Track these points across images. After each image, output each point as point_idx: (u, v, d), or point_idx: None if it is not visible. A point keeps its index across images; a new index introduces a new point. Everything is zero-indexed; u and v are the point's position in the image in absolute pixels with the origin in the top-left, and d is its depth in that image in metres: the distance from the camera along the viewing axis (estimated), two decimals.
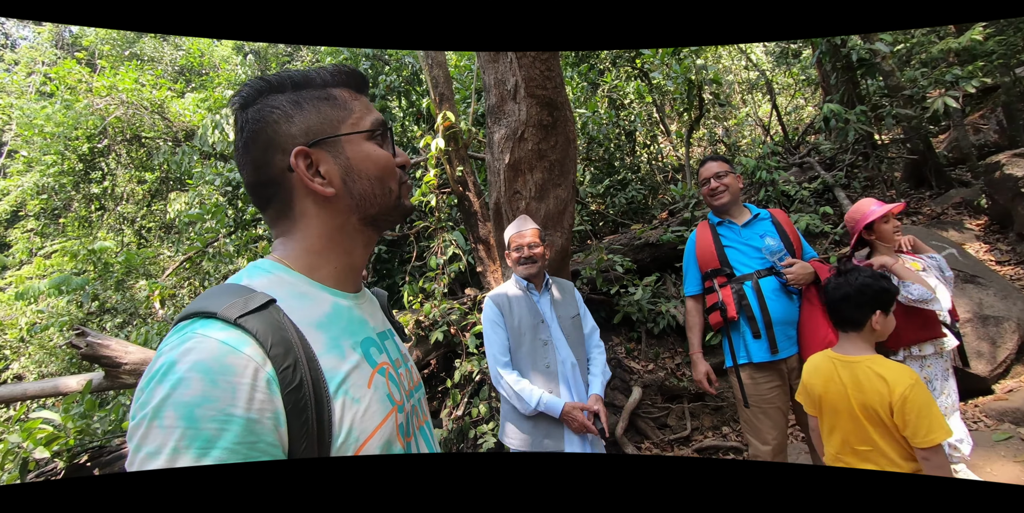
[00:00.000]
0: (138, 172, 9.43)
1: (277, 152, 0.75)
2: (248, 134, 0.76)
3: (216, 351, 0.59)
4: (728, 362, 2.54)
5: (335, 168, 0.77)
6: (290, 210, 0.77)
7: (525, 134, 3.28)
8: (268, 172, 0.76)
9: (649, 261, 5.25)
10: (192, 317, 0.65)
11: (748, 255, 2.52)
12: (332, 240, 0.79)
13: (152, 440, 0.56)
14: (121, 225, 8.64)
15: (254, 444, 0.58)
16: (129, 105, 9.25)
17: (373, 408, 0.72)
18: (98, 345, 3.75)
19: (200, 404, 0.56)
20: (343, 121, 0.78)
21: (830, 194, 5.65)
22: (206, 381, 0.57)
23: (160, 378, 0.58)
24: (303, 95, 0.77)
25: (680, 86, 6.38)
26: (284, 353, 0.63)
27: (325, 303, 0.76)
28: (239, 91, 0.78)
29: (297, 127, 0.75)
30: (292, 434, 0.62)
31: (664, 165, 8.46)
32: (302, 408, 0.63)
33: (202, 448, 0.56)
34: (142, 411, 0.57)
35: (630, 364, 4.35)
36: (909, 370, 1.63)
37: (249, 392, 0.59)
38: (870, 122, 5.50)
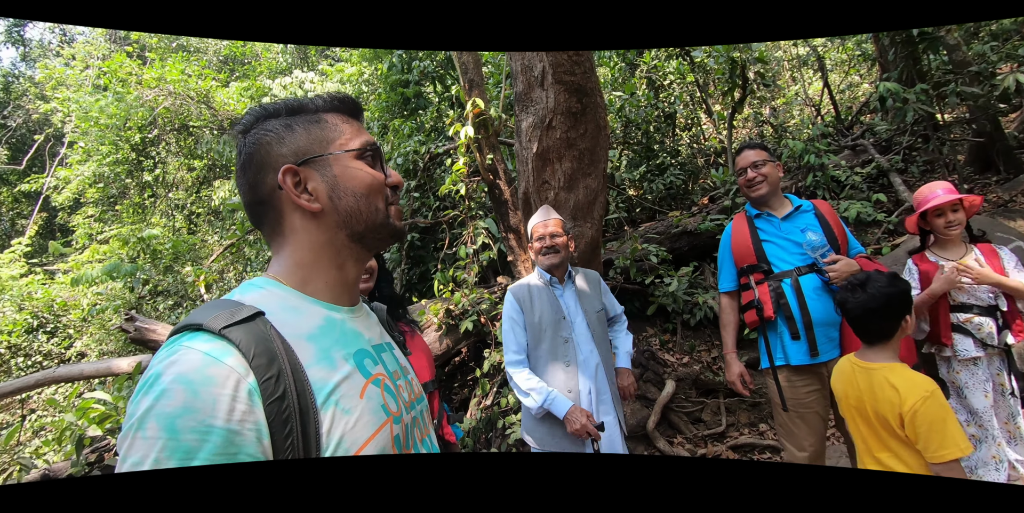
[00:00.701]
0: (187, 160, 9.79)
1: (269, 172, 0.78)
2: (245, 157, 0.80)
3: (199, 363, 0.60)
4: (764, 363, 2.41)
5: (322, 185, 0.79)
6: (280, 227, 0.80)
7: (553, 122, 3.18)
8: (261, 191, 0.79)
9: (687, 250, 5.09)
10: (182, 331, 0.66)
11: (788, 250, 2.36)
12: (321, 254, 0.80)
13: (136, 451, 0.57)
14: (172, 211, 9.04)
15: (234, 455, 0.59)
16: (176, 95, 9.58)
17: (365, 419, 0.72)
18: (145, 329, 3.94)
19: (181, 415, 0.57)
20: (332, 142, 0.81)
21: (885, 179, 5.30)
22: (188, 392, 0.58)
23: (147, 390, 0.59)
24: (296, 119, 0.81)
25: (723, 65, 6.08)
26: (267, 363, 0.64)
27: (317, 316, 0.77)
28: (241, 119, 0.83)
29: (288, 148, 0.79)
30: (276, 446, 0.63)
31: (706, 148, 8.14)
32: (286, 419, 0.63)
33: (182, 459, 0.56)
34: (128, 422, 0.59)
35: (664, 356, 4.25)
36: (925, 382, 1.55)
37: (230, 403, 0.59)
38: (931, 101, 5.10)
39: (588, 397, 2.27)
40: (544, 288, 2.40)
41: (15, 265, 7.84)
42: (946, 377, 2.30)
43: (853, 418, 1.74)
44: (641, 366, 4.07)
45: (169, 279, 6.65)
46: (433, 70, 8.03)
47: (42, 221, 12.89)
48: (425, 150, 5.95)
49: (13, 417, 5.78)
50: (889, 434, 1.60)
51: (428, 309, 4.10)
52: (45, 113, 12.41)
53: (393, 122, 6.82)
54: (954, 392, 2.25)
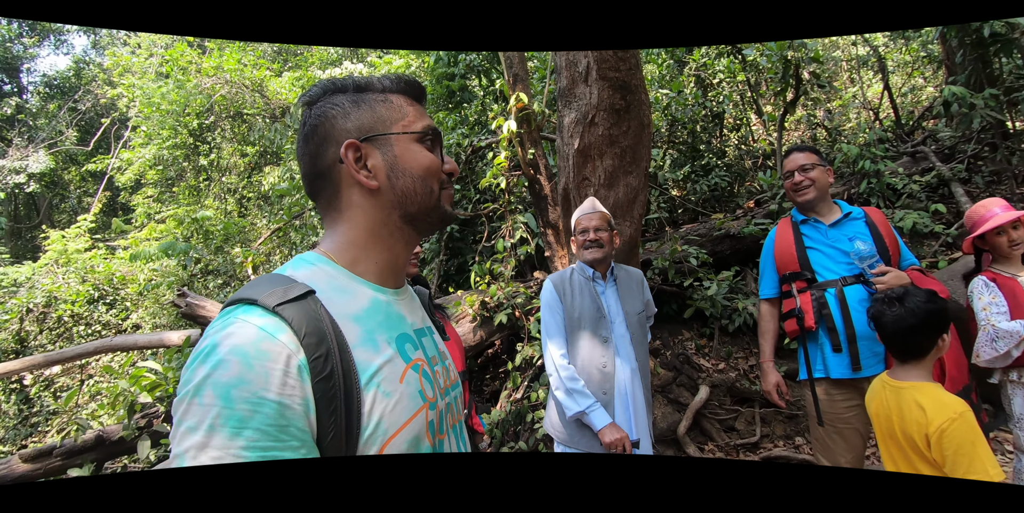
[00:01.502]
0: (240, 146, 10.17)
1: (331, 145, 0.80)
2: (309, 128, 0.81)
3: (253, 336, 0.62)
4: (803, 374, 2.33)
5: (381, 163, 0.80)
6: (337, 201, 0.81)
7: (596, 118, 3.16)
8: (321, 163, 0.80)
9: (729, 253, 4.97)
10: (236, 303, 0.68)
11: (834, 259, 2.27)
12: (375, 234, 0.82)
13: (192, 416, 0.60)
14: (225, 194, 9.41)
15: (284, 427, 0.61)
16: (232, 84, 9.95)
17: (403, 403, 0.73)
18: (196, 305, 4.14)
19: (236, 385, 0.59)
20: (395, 122, 0.82)
21: (945, 189, 5.04)
22: (243, 364, 0.60)
23: (203, 359, 0.62)
24: (362, 96, 0.82)
25: (776, 64, 5.88)
26: (317, 342, 0.65)
27: (364, 297, 0.78)
28: (308, 91, 0.84)
29: (352, 123, 0.80)
30: (321, 422, 0.64)
31: (754, 150, 7.91)
32: (331, 397, 0.65)
33: (235, 427, 0.59)
34: (185, 388, 0.62)
35: (699, 361, 4.18)
36: (955, 403, 1.49)
37: (282, 377, 0.61)
38: (1001, 108, 4.81)
39: (623, 401, 2.21)
40: (585, 282, 2.33)
41: (80, 240, 8.35)
42: (1019, 407, 2.14)
43: (884, 439, 1.69)
44: (675, 369, 4.02)
45: (219, 259, 6.96)
46: (479, 64, 8.07)
47: (105, 199, 13.67)
48: (468, 143, 6.00)
49: (73, 381, 6.19)
50: (918, 456, 1.54)
51: (464, 300, 4.16)
52: (112, 98, 13.11)
53: (437, 115, 6.91)
54: None
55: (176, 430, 0.61)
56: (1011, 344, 2.03)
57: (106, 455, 3.62)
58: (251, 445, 0.59)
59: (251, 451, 0.59)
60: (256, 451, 0.59)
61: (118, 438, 3.53)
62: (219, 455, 0.58)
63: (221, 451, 0.58)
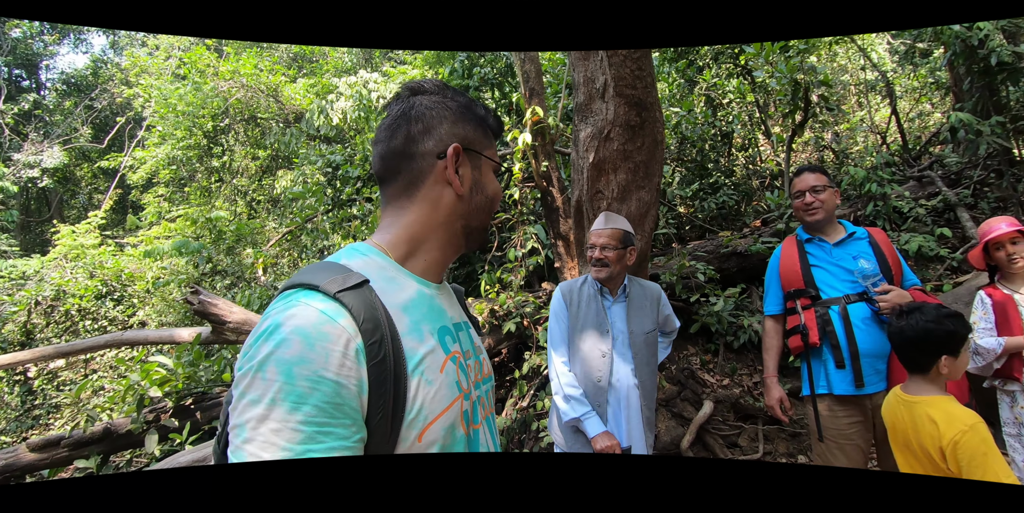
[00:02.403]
0: (252, 149, 10.31)
1: (432, 138, 0.85)
2: (416, 113, 0.86)
3: (315, 319, 0.66)
4: (805, 390, 2.37)
5: (469, 176, 0.88)
6: (416, 189, 0.86)
7: (611, 134, 3.23)
8: (414, 147, 0.85)
9: (735, 271, 5.02)
10: (297, 287, 0.73)
11: (838, 277, 2.33)
12: (434, 233, 0.87)
13: (255, 389, 0.64)
14: (235, 196, 9.52)
15: (339, 406, 0.64)
16: (248, 88, 10.13)
17: (443, 392, 0.77)
18: (208, 303, 4.19)
19: (297, 363, 0.63)
20: (487, 148, 0.92)
21: (951, 214, 5.10)
22: (305, 344, 0.64)
23: (266, 337, 0.66)
24: (467, 113, 0.90)
25: (785, 87, 5.99)
26: (373, 329, 0.69)
27: (410, 289, 0.82)
28: (420, 82, 0.91)
29: (457, 130, 0.87)
30: (372, 403, 0.68)
31: (761, 170, 7.99)
32: (383, 380, 0.69)
33: (295, 402, 0.62)
34: (248, 363, 0.65)
35: (704, 376, 4.21)
36: (966, 416, 1.55)
37: (340, 359, 0.65)
38: (1008, 135, 4.89)
39: (616, 417, 2.22)
40: (594, 295, 2.33)
41: (90, 235, 8.43)
42: (1006, 413, 2.23)
43: (902, 452, 1.73)
44: (679, 384, 4.05)
45: (228, 260, 7.02)
46: (493, 77, 8.21)
47: (116, 197, 13.79)
48: None
49: (76, 375, 6.22)
50: (934, 468, 1.59)
51: (473, 308, 4.21)
52: (128, 97, 13.31)
53: None
54: (1016, 429, 2.18)
55: (238, 402, 0.66)
56: (989, 359, 2.18)
57: (113, 448, 3.64)
58: (308, 420, 0.62)
59: (307, 425, 0.62)
60: (312, 426, 0.62)
61: (126, 431, 3.56)
62: (277, 427, 0.62)
63: (280, 423, 0.62)
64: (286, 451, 0.61)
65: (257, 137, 10.44)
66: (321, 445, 0.63)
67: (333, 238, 6.63)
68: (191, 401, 3.82)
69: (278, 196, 8.13)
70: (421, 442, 0.72)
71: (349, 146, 6.95)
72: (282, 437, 0.62)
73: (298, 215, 5.57)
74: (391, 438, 0.70)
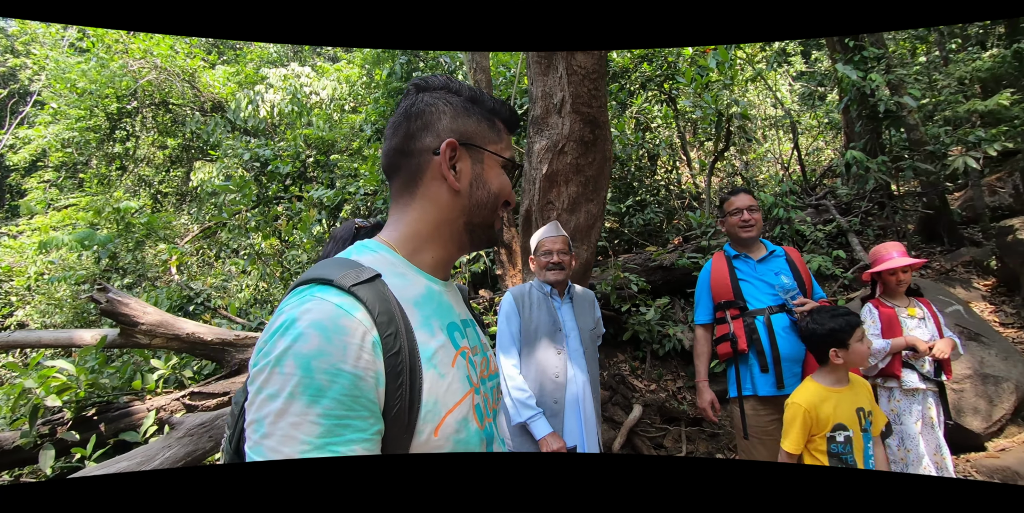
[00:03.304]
0: (161, 137, 9.49)
1: (430, 134, 0.85)
2: (416, 110, 0.87)
3: (332, 313, 0.66)
4: (732, 392, 2.60)
5: (468, 171, 0.87)
6: (415, 186, 0.86)
7: (566, 148, 3.37)
8: (413, 145, 0.85)
9: (660, 284, 5.34)
10: (310, 283, 0.72)
11: (761, 290, 2.59)
12: (438, 230, 0.87)
13: (273, 384, 0.63)
14: (138, 187, 8.68)
15: (357, 398, 0.64)
16: (162, 71, 9.34)
17: (455, 386, 0.78)
18: (118, 302, 3.81)
19: (316, 357, 0.63)
20: (492, 142, 0.90)
21: (843, 238, 5.77)
22: (322, 338, 0.64)
23: (283, 332, 0.65)
24: (473, 107, 0.89)
25: (709, 116, 6.51)
26: (388, 321, 0.70)
27: (420, 285, 0.83)
28: (425, 78, 0.90)
29: (457, 125, 0.86)
30: (388, 395, 0.68)
31: (682, 192, 8.58)
32: (399, 373, 0.69)
33: (313, 396, 0.62)
34: (265, 359, 0.65)
35: (633, 382, 4.43)
36: (803, 396, 2.07)
37: (357, 352, 0.65)
38: (890, 172, 5.64)
39: (575, 410, 2.33)
40: (544, 298, 2.47)
41: None
42: (885, 406, 2.59)
43: None
44: (611, 389, 4.23)
45: (129, 257, 6.40)
46: None
47: None
48: None
49: None
50: None
51: None
52: (13, 67, 11.77)
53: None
54: (893, 419, 2.54)
55: (255, 397, 0.65)
56: (879, 358, 2.54)
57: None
58: (326, 413, 0.62)
59: (327, 418, 0.62)
60: (331, 419, 0.63)
61: (13, 446, 3.13)
62: (297, 420, 0.62)
63: (299, 417, 0.62)
64: (305, 444, 0.61)
65: (167, 124, 9.64)
66: (340, 438, 0.63)
67: (254, 237, 6.26)
68: (94, 411, 3.44)
69: (193, 189, 7.53)
70: (438, 436, 0.73)
71: (281, 141, 6.62)
72: (301, 430, 0.62)
73: (227, 210, 5.20)
74: (408, 429, 0.70)
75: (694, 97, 6.66)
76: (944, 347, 2.50)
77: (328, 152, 7.00)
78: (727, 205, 2.75)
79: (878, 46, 5.91)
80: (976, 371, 3.48)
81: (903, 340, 2.52)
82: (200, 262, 7.06)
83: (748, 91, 11.27)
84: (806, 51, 10.99)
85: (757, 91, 11.25)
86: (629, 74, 7.99)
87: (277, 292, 6.55)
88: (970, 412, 3.34)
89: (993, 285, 4.96)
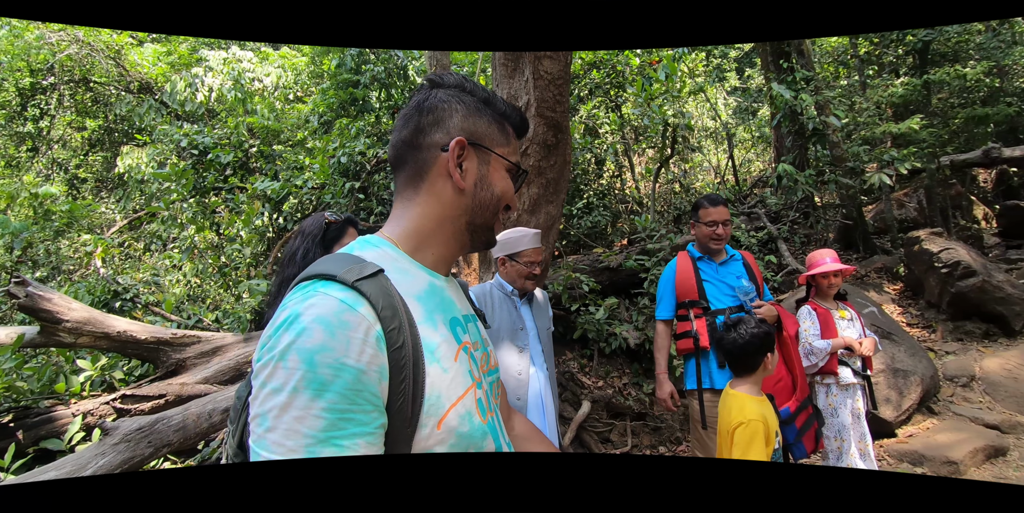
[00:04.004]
0: (79, 117, 8.74)
1: (440, 130, 0.86)
2: (429, 104, 0.87)
3: (335, 308, 0.67)
4: (689, 385, 2.77)
5: (474, 171, 0.88)
6: (420, 181, 0.87)
7: (529, 150, 3.44)
8: (422, 139, 0.86)
9: (607, 284, 5.53)
10: (313, 278, 0.73)
11: (722, 291, 2.77)
12: (440, 227, 0.88)
13: (277, 378, 0.64)
14: (51, 171, 7.95)
15: (360, 392, 0.65)
16: (84, 45, 8.60)
17: (458, 380, 0.79)
18: (39, 297, 3.51)
19: (319, 351, 0.64)
20: (500, 145, 0.91)
21: (773, 245, 6.21)
22: (326, 332, 0.65)
23: (287, 327, 0.66)
24: (485, 108, 0.90)
25: (656, 125, 6.81)
26: (391, 316, 0.71)
27: (423, 280, 0.84)
28: (441, 75, 0.91)
29: (467, 124, 0.87)
30: (392, 389, 0.69)
31: (626, 196, 8.90)
32: (402, 366, 0.70)
33: (317, 390, 0.63)
34: (269, 354, 0.66)
35: (582, 379, 4.57)
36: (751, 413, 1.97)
37: (361, 346, 0.66)
38: (815, 185, 6.13)
39: (538, 406, 2.40)
40: (505, 298, 2.52)
41: None
42: (823, 401, 2.84)
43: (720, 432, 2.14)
44: (561, 386, 4.35)
45: (43, 248, 5.85)
46: (383, 78, 8.04)
47: None
48: (373, 154, 5.93)
49: None
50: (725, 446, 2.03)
51: None
52: None
53: (340, 121, 6.72)
54: (830, 412, 2.79)
55: (259, 391, 0.65)
56: (820, 357, 2.79)
57: None
58: (330, 406, 0.63)
59: (330, 412, 0.63)
60: (334, 413, 0.63)
61: None
62: (300, 414, 0.62)
63: (302, 411, 0.62)
64: (309, 438, 0.62)
65: (88, 103, 8.89)
66: (343, 431, 0.64)
67: (189, 229, 5.90)
68: (10, 417, 3.15)
69: (118, 176, 6.98)
70: (440, 429, 0.73)
71: (220, 127, 6.27)
72: (304, 424, 0.62)
73: (163, 200, 4.87)
74: (412, 423, 0.71)
75: (642, 106, 6.93)
76: (871, 345, 2.79)
77: (272, 142, 6.71)
78: (703, 213, 2.82)
79: (808, 68, 6.41)
80: (888, 366, 3.87)
81: (841, 340, 2.78)
82: (124, 255, 6.57)
83: (688, 103, 11.86)
84: (740, 68, 11.69)
85: (695, 103, 11.86)
86: (579, 79, 8.19)
87: (213, 288, 6.21)
88: (883, 403, 3.72)
89: (901, 289, 5.51)
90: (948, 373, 4.37)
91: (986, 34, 8.37)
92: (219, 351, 4.30)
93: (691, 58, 7.52)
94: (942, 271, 4.80)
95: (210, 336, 4.34)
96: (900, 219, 6.66)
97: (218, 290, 6.01)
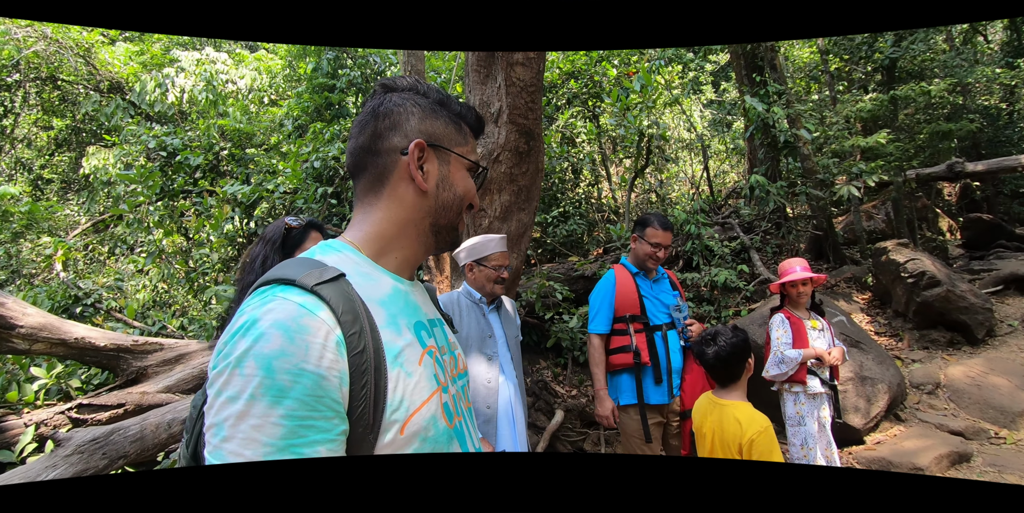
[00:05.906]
0: (45, 116, 8.49)
1: (398, 134, 0.85)
2: (384, 109, 0.86)
3: (294, 312, 0.66)
4: (629, 400, 2.74)
5: (435, 172, 0.87)
6: (381, 186, 0.86)
7: (500, 157, 3.43)
8: (381, 144, 0.85)
9: (582, 292, 5.52)
10: (272, 283, 0.71)
11: (658, 308, 2.80)
12: (403, 231, 0.87)
13: (233, 386, 0.62)
14: (14, 171, 7.68)
15: (320, 398, 0.63)
16: (52, 42, 8.38)
17: (422, 384, 0.77)
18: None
19: (277, 357, 0.62)
20: (459, 145, 0.91)
21: (746, 254, 6.29)
22: (284, 338, 0.63)
23: (243, 332, 0.64)
24: (441, 110, 0.90)
25: (631, 135, 6.88)
26: (352, 320, 0.69)
27: (386, 284, 0.83)
28: (393, 79, 0.91)
29: (425, 126, 0.87)
30: (353, 395, 0.67)
31: (602, 205, 8.95)
32: (363, 371, 0.68)
33: (276, 397, 0.61)
34: (225, 360, 0.64)
35: (555, 388, 4.54)
36: (762, 419, 1.95)
37: (320, 351, 0.64)
38: (786, 196, 6.25)
39: (507, 414, 2.38)
40: (473, 305, 2.51)
41: None
42: (791, 409, 2.86)
43: (711, 443, 2.09)
44: (534, 395, 4.31)
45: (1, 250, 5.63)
46: (360, 82, 7.99)
47: None
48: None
49: None
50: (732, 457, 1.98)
51: None
52: None
53: (315, 125, 6.64)
54: (797, 421, 2.81)
55: (215, 400, 0.63)
56: (790, 366, 2.82)
57: None
58: (289, 414, 0.61)
59: (289, 420, 0.61)
60: (294, 420, 0.62)
61: None
62: (258, 423, 0.60)
63: (260, 419, 0.61)
64: (268, 447, 0.60)
65: (55, 102, 8.64)
66: (304, 439, 0.62)
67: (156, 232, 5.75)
68: None
69: (84, 177, 6.77)
70: (404, 434, 0.72)
71: (192, 129, 6.14)
72: (263, 433, 0.60)
73: (127, 203, 4.73)
74: (374, 429, 0.70)
75: (618, 116, 7.00)
76: (839, 355, 2.83)
77: (244, 145, 6.60)
78: (651, 233, 2.80)
79: (780, 82, 6.55)
80: (857, 374, 3.93)
81: (812, 351, 2.81)
82: (88, 259, 6.37)
83: (664, 114, 12.03)
84: (716, 81, 11.92)
85: (672, 115, 12.03)
86: (557, 89, 8.25)
87: (179, 294, 6.04)
88: (852, 410, 3.76)
89: (869, 299, 5.62)
90: (914, 381, 4.45)
91: (949, 53, 8.68)
92: (183, 359, 4.17)
93: (667, 70, 7.64)
94: (908, 281, 4.91)
95: (174, 343, 4.21)
96: (869, 230, 6.82)
97: (185, 296, 5.85)
